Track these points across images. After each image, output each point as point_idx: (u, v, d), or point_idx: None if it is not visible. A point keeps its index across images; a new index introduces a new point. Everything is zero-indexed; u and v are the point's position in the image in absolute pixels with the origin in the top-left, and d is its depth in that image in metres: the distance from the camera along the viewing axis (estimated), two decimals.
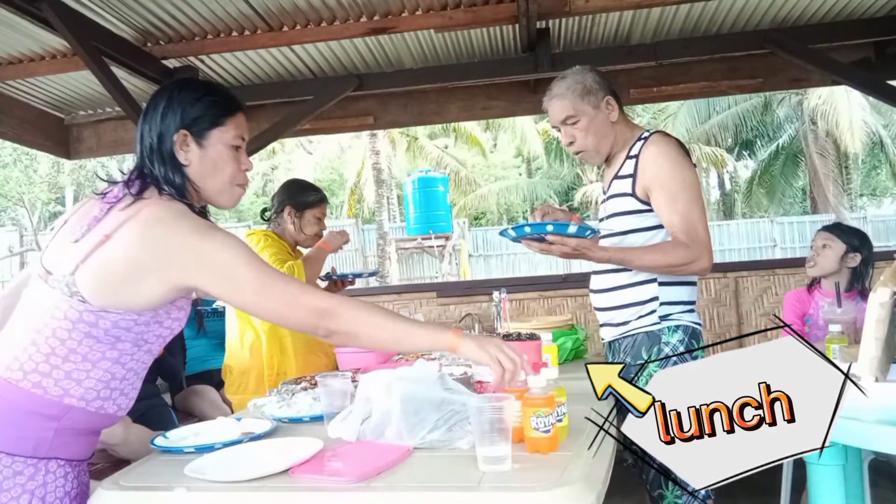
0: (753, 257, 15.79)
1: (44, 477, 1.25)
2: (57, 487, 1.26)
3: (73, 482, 1.30)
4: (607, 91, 1.94)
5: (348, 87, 4.33)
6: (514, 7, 3.47)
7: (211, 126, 1.36)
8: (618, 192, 1.93)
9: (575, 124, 1.93)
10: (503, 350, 1.28)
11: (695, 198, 1.82)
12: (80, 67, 3.73)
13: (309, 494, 1.12)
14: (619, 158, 1.96)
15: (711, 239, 1.83)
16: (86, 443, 1.33)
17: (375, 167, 15.89)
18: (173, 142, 1.33)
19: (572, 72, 1.98)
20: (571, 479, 1.07)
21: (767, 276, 4.12)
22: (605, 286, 1.97)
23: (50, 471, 1.26)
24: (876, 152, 18.23)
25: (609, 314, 1.97)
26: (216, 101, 1.38)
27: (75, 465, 1.31)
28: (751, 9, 3.83)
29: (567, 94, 1.93)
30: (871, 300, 1.46)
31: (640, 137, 1.93)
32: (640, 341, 1.89)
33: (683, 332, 1.86)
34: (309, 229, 2.55)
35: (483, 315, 4.22)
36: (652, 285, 1.87)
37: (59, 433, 1.25)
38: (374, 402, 1.38)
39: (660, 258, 1.79)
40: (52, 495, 1.25)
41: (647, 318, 1.88)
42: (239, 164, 1.40)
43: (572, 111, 1.92)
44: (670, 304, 1.87)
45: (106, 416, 1.32)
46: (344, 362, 2.37)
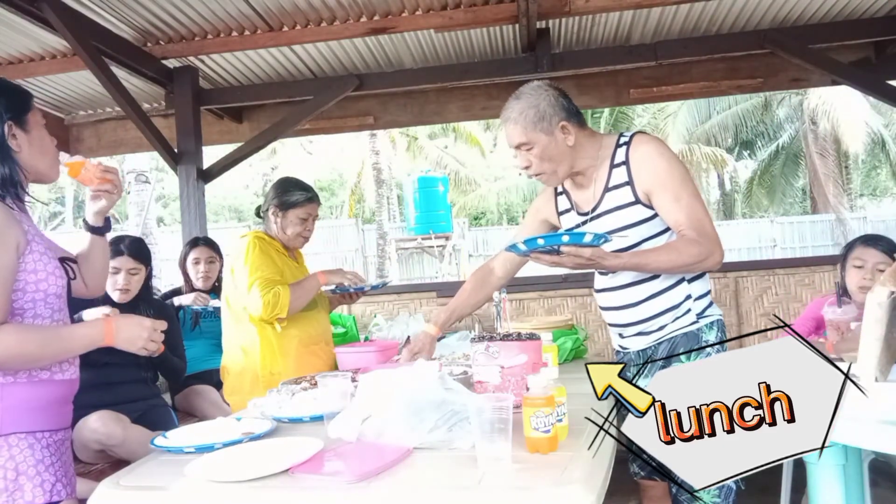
0: (753, 257, 15.78)
1: (9, 451, 1.40)
2: (26, 458, 1.41)
3: (43, 451, 1.44)
4: (563, 114, 1.81)
5: (348, 87, 4.33)
6: (514, 7, 3.47)
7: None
8: (619, 205, 1.84)
9: (529, 150, 1.83)
10: (151, 338, 1.47)
11: (695, 192, 1.80)
12: (80, 67, 3.73)
13: (309, 494, 1.12)
14: (601, 171, 1.87)
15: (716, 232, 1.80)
16: (41, 414, 1.45)
17: (375, 167, 15.89)
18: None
19: (528, 91, 1.83)
20: (571, 479, 1.07)
21: (767, 276, 4.12)
22: (633, 300, 1.89)
23: (12, 444, 1.40)
24: (876, 152, 18.22)
25: (642, 325, 1.90)
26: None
27: (40, 437, 1.44)
28: (751, 9, 3.83)
29: (520, 120, 1.81)
30: (870, 300, 1.46)
31: (620, 144, 1.86)
32: (679, 343, 1.84)
33: (718, 327, 1.86)
34: (291, 229, 2.46)
35: (483, 315, 4.22)
36: (682, 286, 1.85)
37: (6, 411, 1.39)
38: (375, 402, 1.38)
39: (676, 258, 1.74)
40: (24, 464, 1.40)
41: (685, 319, 1.85)
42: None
43: (525, 138, 1.81)
44: (700, 299, 1.86)
45: (42, 383, 1.45)
46: (344, 362, 2.37)
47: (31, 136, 1.50)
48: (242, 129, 4.90)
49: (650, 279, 1.86)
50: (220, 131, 4.97)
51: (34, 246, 1.46)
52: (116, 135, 4.95)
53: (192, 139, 4.24)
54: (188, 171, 4.24)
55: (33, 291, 1.44)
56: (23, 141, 1.49)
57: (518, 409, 1.24)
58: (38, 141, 1.52)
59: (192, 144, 4.24)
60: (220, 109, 4.69)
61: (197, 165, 4.26)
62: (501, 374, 1.51)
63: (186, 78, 4.19)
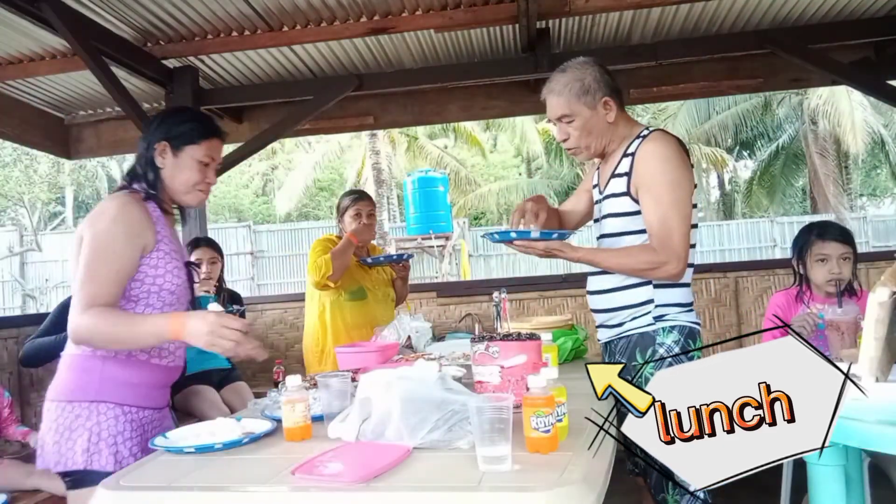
0: (753, 257, 15.76)
1: (97, 417, 1.58)
2: (109, 426, 1.58)
3: (126, 425, 1.60)
4: (607, 90, 1.88)
5: (348, 87, 4.33)
6: (514, 7, 3.47)
7: (187, 143, 1.71)
8: (614, 192, 1.90)
9: (570, 123, 1.90)
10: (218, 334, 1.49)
11: (678, 201, 1.78)
12: (80, 67, 3.73)
13: (309, 494, 1.12)
14: (617, 156, 1.93)
15: (687, 245, 1.79)
16: (132, 391, 1.62)
17: (375, 167, 15.88)
18: (154, 149, 1.71)
19: (574, 65, 1.90)
20: (571, 479, 1.07)
21: (767, 276, 4.13)
22: (600, 288, 1.96)
23: (101, 412, 1.58)
24: (876, 152, 18.22)
25: (605, 316, 1.97)
26: (197, 125, 1.74)
27: (126, 410, 1.61)
28: (751, 9, 3.83)
29: (564, 92, 1.87)
30: (871, 300, 1.46)
31: (640, 135, 1.89)
32: (635, 342, 1.88)
33: (679, 333, 1.85)
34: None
35: (483, 315, 4.22)
36: (647, 288, 1.86)
37: (102, 381, 1.59)
38: (374, 402, 1.38)
39: (625, 261, 1.82)
40: (105, 432, 1.57)
41: (642, 320, 1.87)
42: (204, 176, 1.75)
43: (567, 110, 1.88)
44: (666, 307, 1.86)
45: (139, 364, 1.63)
46: (344, 362, 2.37)
47: (178, 161, 1.71)
48: (242, 129, 4.90)
49: (614, 272, 1.90)
50: None
51: (161, 246, 1.66)
52: (116, 135, 4.95)
53: None
54: None
55: (150, 284, 1.64)
56: (168, 161, 1.71)
57: (518, 409, 1.24)
58: (182, 168, 1.72)
59: None
60: (220, 109, 4.69)
61: None
62: (501, 374, 1.51)
63: (186, 78, 4.19)
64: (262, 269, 16.14)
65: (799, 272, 2.48)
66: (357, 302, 2.95)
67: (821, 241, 2.40)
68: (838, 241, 2.39)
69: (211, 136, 1.75)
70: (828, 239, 2.39)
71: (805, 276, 2.45)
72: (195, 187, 1.74)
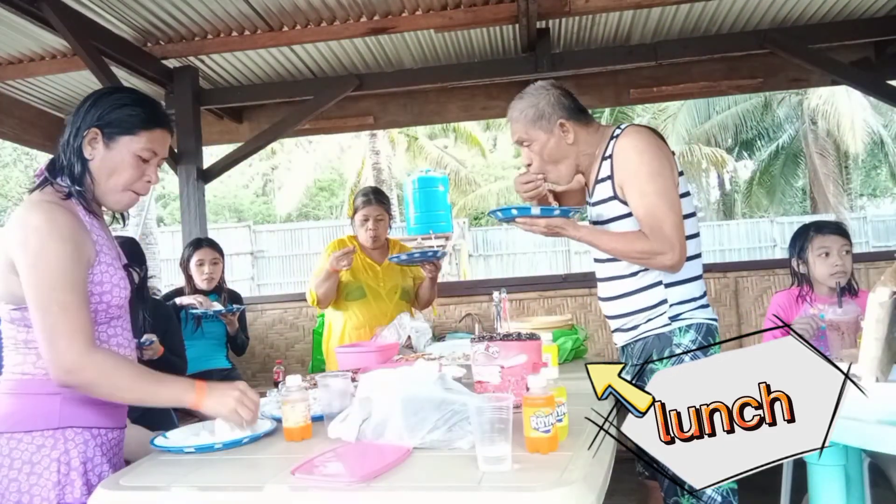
0: (753, 257, 15.76)
1: (64, 445, 1.38)
2: (79, 453, 1.39)
3: (95, 450, 1.43)
4: (563, 113, 1.87)
5: (348, 87, 4.33)
6: (514, 7, 3.47)
7: (123, 132, 1.44)
8: (602, 198, 1.89)
9: (530, 147, 1.91)
10: (241, 401, 1.41)
11: (662, 189, 1.76)
12: (80, 67, 3.73)
13: (309, 494, 1.12)
14: (596, 163, 1.93)
15: (681, 234, 1.76)
16: (96, 411, 1.43)
17: (375, 167, 15.89)
18: (83, 136, 1.43)
19: (531, 91, 1.92)
20: (571, 479, 1.07)
21: (767, 276, 4.12)
22: (612, 294, 1.95)
23: (68, 438, 1.39)
24: (876, 152, 18.22)
25: (620, 321, 1.95)
26: (138, 110, 1.46)
27: (95, 434, 1.43)
28: (751, 9, 3.83)
29: (520, 119, 1.90)
30: (871, 300, 1.46)
31: (612, 136, 1.89)
32: (651, 344, 1.86)
33: (696, 331, 1.83)
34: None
35: (483, 315, 4.22)
36: (658, 289, 1.85)
37: (65, 405, 1.39)
38: (374, 402, 1.38)
39: (621, 246, 1.81)
40: (76, 460, 1.39)
41: (657, 321, 1.86)
42: (141, 174, 1.47)
43: (525, 135, 1.90)
44: (680, 304, 1.85)
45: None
46: (344, 362, 2.37)
47: (111, 154, 1.44)
48: (242, 129, 4.90)
49: (624, 277, 1.89)
50: (220, 131, 4.97)
51: (102, 257, 1.43)
52: None
53: (192, 139, 4.24)
54: (188, 171, 4.24)
55: (97, 302, 1.41)
56: (98, 153, 1.44)
57: (518, 409, 1.24)
58: (115, 163, 1.44)
59: (192, 144, 4.24)
60: (220, 109, 4.69)
61: (197, 165, 4.26)
62: (501, 374, 1.51)
63: (186, 78, 4.19)
64: (262, 269, 16.14)
65: (799, 272, 2.48)
66: (356, 302, 2.94)
67: (821, 235, 2.41)
68: (837, 233, 2.41)
69: (154, 125, 1.46)
70: (827, 232, 2.42)
71: (806, 276, 2.46)
72: (129, 187, 1.46)
